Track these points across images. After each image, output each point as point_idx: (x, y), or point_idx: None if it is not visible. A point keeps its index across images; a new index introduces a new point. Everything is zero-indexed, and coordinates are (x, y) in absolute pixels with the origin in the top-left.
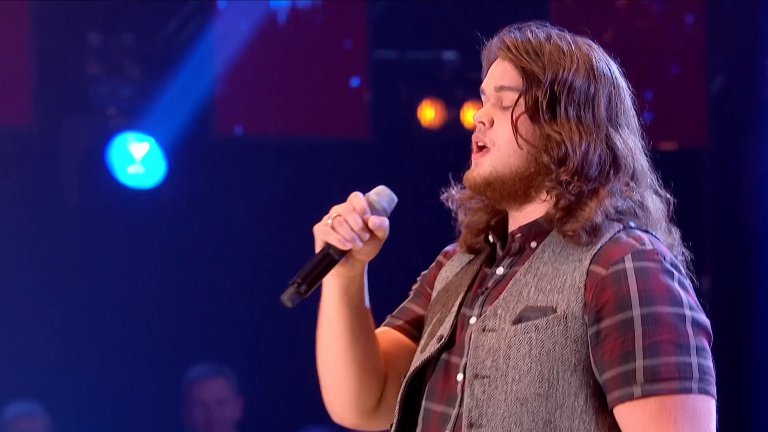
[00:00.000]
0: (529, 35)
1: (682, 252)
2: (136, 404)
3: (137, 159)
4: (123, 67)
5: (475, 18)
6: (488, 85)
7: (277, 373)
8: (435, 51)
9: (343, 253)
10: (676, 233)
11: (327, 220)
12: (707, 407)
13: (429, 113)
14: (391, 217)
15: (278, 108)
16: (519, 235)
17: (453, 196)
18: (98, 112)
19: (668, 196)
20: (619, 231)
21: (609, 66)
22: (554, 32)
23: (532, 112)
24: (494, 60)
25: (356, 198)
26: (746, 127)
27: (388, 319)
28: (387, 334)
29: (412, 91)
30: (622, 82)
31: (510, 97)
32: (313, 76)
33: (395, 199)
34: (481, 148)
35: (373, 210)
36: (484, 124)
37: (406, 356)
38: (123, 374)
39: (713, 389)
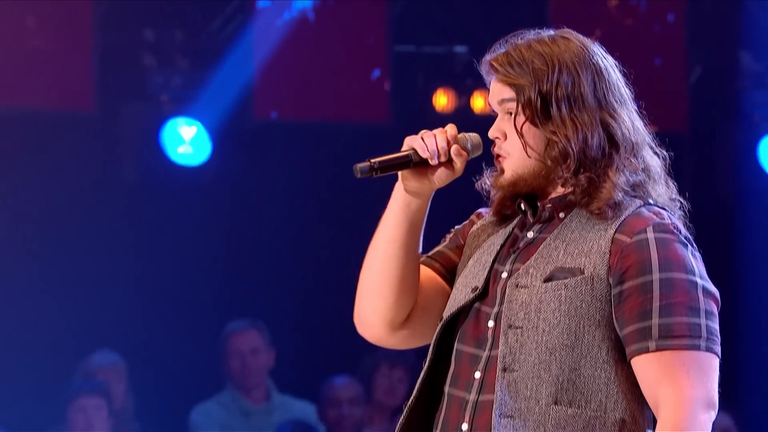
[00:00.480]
0: (511, 50)
1: (681, 202)
2: (187, 353)
3: (186, 140)
4: (174, 60)
5: (483, 17)
6: (492, 102)
7: (304, 327)
8: (447, 46)
9: (420, 162)
10: (673, 186)
11: (421, 136)
12: (712, 364)
13: (442, 100)
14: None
15: (309, 96)
16: (549, 205)
17: (485, 180)
18: (152, 100)
19: (663, 152)
20: (640, 206)
21: (587, 53)
22: (534, 38)
23: (532, 118)
24: (490, 80)
25: (451, 126)
26: (721, 113)
27: (424, 257)
28: (423, 270)
29: (427, 81)
30: (602, 61)
31: (511, 107)
32: (339, 67)
33: (481, 150)
34: (499, 158)
35: (460, 143)
36: (498, 139)
37: (436, 294)
38: (176, 328)
39: (718, 349)
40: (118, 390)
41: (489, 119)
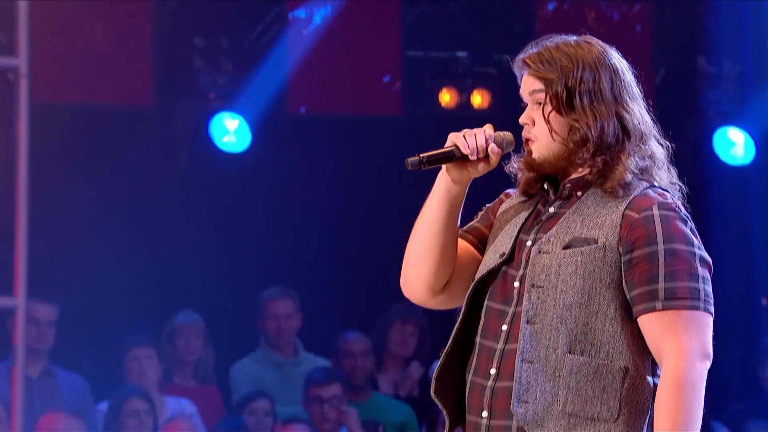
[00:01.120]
0: (542, 50)
1: (679, 186)
2: (233, 317)
3: (230, 131)
4: (220, 63)
5: (480, 28)
6: (523, 93)
7: (326, 294)
8: (451, 51)
9: (461, 157)
10: (674, 171)
11: (463, 134)
12: (708, 322)
13: (446, 97)
14: (420, 172)
15: (333, 93)
16: (569, 185)
17: (513, 166)
18: (201, 97)
19: (667, 143)
20: (647, 188)
21: (606, 55)
22: (561, 41)
23: (558, 108)
24: (522, 75)
25: (489, 126)
26: (682, 109)
27: (460, 231)
28: (459, 242)
29: (433, 81)
30: (619, 64)
31: (540, 97)
32: (359, 69)
33: (513, 146)
34: (528, 141)
35: (496, 141)
36: (527, 125)
37: (469, 262)
38: (225, 294)
39: (712, 309)
40: (195, 344)
41: (485, 113)
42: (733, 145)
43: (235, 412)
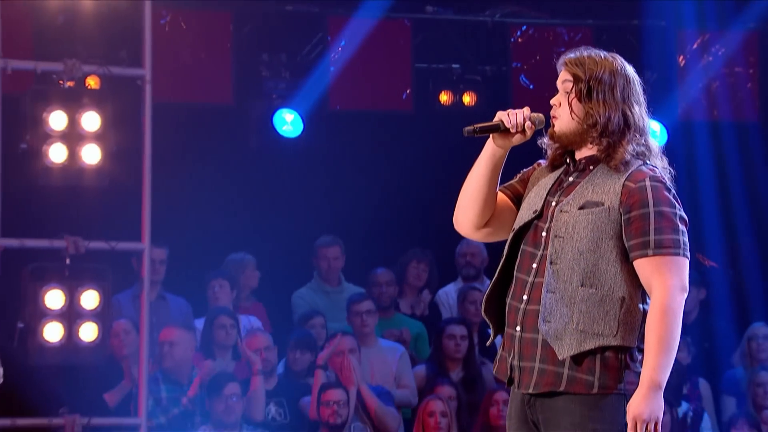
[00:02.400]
0: (578, 55)
1: (669, 170)
2: (293, 258)
3: (288, 122)
4: (280, 72)
5: (469, 47)
6: (558, 82)
7: (362, 242)
8: (447, 64)
9: (505, 129)
10: (664, 159)
11: (507, 111)
12: (685, 264)
13: (444, 98)
14: (428, 149)
15: (360, 95)
16: (584, 161)
17: (544, 141)
18: (267, 97)
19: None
20: (641, 165)
21: (623, 68)
22: (593, 51)
23: (579, 97)
24: (561, 69)
25: (527, 108)
26: None
27: (501, 187)
28: (500, 195)
29: (435, 86)
30: (632, 75)
31: (568, 87)
32: (380, 77)
33: (543, 124)
34: (554, 118)
35: (531, 120)
36: (555, 105)
37: (505, 209)
38: (287, 241)
39: (689, 255)
40: (246, 277)
41: (472, 108)
42: None
43: (297, 326)
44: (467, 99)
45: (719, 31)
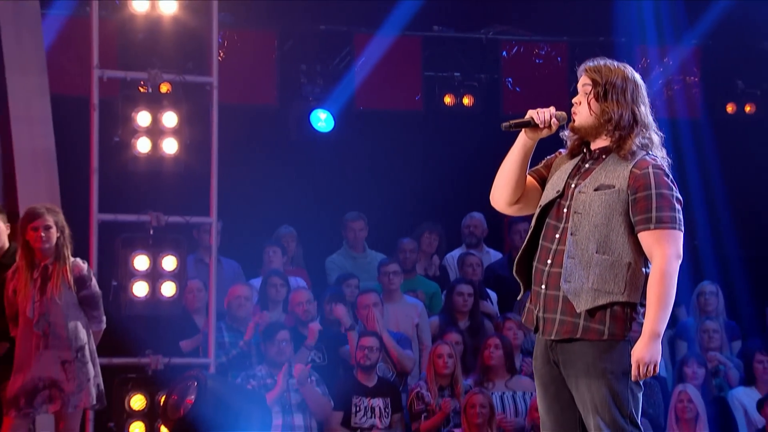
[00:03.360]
0: (596, 63)
1: (667, 159)
2: (326, 228)
3: (322, 119)
4: (315, 79)
5: (468, 59)
6: (579, 85)
7: (385, 216)
8: (450, 72)
9: (534, 125)
10: (664, 150)
11: (536, 110)
12: (680, 236)
13: (448, 99)
14: (436, 142)
15: (379, 97)
16: (598, 150)
17: (565, 133)
18: (305, 99)
19: (661, 134)
20: (645, 155)
21: (633, 75)
22: (608, 61)
23: (597, 97)
24: (581, 75)
25: (552, 108)
26: None
27: (529, 171)
28: (528, 177)
29: (440, 90)
30: (640, 81)
31: (588, 89)
32: (396, 83)
33: (565, 120)
34: (574, 113)
35: (556, 117)
36: (576, 104)
37: (533, 189)
38: (320, 215)
39: (683, 229)
40: (290, 246)
41: (470, 109)
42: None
43: (333, 285)
44: (466, 101)
45: (674, 44)
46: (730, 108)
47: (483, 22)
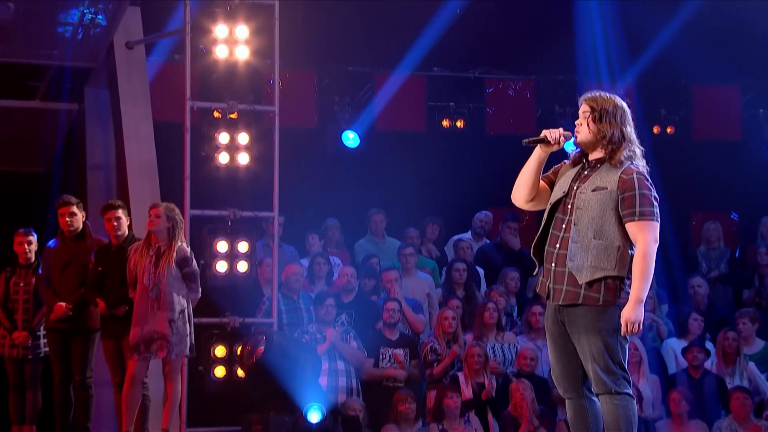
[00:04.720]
0: (592, 94)
1: (647, 167)
2: (357, 222)
3: (350, 138)
4: (345, 106)
5: (462, 93)
6: (580, 111)
7: (398, 212)
8: (446, 102)
9: (547, 141)
10: (644, 160)
11: (548, 130)
12: (657, 226)
13: (445, 123)
14: (436, 155)
15: (394, 121)
16: (594, 160)
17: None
18: (337, 122)
19: (642, 148)
20: (631, 164)
21: (621, 103)
22: (602, 92)
23: (594, 119)
24: (582, 103)
25: (561, 129)
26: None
27: (542, 175)
28: (540, 182)
29: (440, 115)
30: (626, 108)
31: (587, 114)
32: (404, 111)
33: (570, 138)
34: (577, 132)
35: (563, 135)
36: (578, 125)
37: (545, 190)
38: (354, 212)
39: (659, 220)
40: (335, 234)
41: (462, 130)
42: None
43: (363, 263)
44: (459, 124)
45: (620, 81)
46: (656, 129)
47: (471, 65)
